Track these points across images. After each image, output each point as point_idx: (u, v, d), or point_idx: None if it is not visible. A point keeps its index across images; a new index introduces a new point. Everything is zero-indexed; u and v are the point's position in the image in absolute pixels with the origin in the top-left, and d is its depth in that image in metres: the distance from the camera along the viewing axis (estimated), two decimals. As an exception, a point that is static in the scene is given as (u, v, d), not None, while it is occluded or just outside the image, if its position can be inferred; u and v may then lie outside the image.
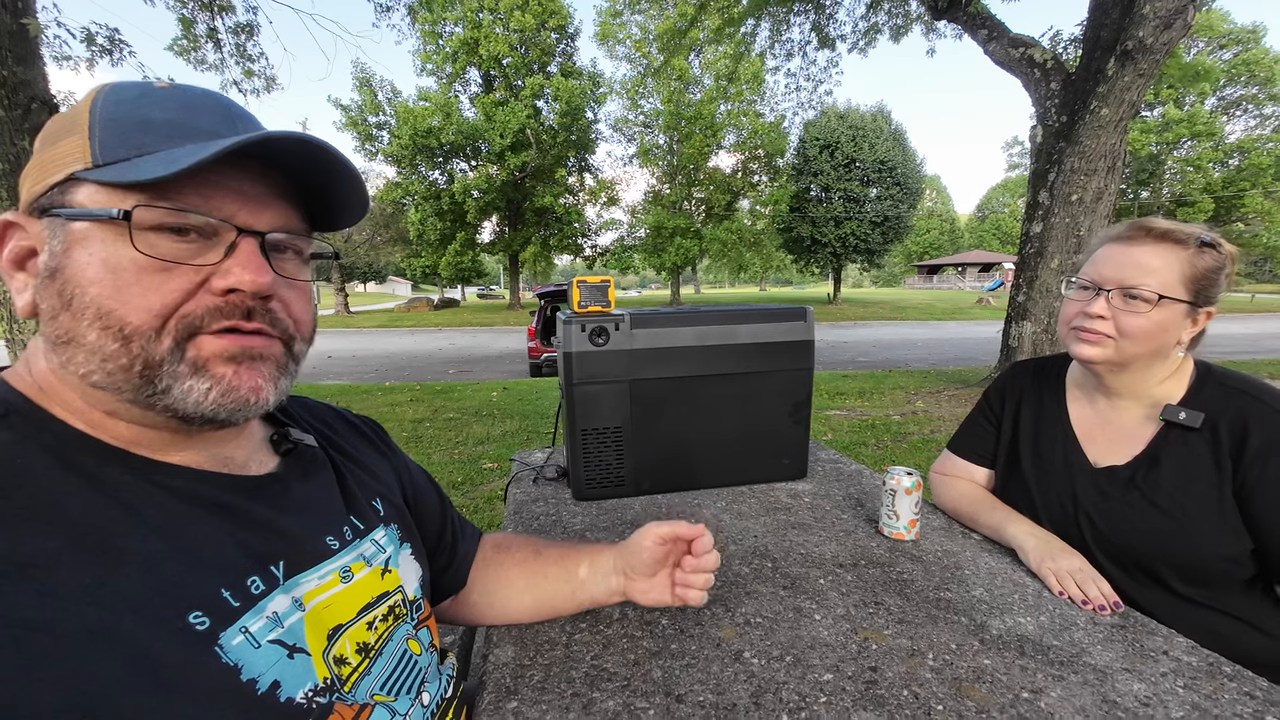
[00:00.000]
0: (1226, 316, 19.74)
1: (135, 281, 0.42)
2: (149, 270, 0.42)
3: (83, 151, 0.43)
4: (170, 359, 0.43)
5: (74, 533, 0.39)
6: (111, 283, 0.41)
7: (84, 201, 0.42)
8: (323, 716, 0.46)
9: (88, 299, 0.42)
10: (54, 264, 0.42)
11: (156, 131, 0.44)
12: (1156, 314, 0.86)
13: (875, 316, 21.90)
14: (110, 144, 0.43)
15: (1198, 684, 0.65)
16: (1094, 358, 0.91)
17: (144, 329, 0.42)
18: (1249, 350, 10.41)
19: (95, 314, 0.41)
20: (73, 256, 0.42)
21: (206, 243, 0.45)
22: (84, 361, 0.43)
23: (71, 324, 0.42)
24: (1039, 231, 5.27)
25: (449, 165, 22.77)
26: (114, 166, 0.42)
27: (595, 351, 1.15)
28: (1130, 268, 0.88)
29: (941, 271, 56.29)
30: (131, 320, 0.42)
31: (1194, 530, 0.86)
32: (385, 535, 0.62)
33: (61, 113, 0.46)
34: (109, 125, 0.43)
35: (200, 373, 0.44)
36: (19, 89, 3.20)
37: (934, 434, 4.46)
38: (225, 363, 0.45)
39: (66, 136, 0.44)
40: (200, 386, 0.44)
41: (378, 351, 12.78)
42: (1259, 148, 24.79)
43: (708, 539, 0.71)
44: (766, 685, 0.65)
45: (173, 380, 0.44)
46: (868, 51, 8.72)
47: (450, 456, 4.07)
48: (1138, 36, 4.32)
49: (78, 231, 0.42)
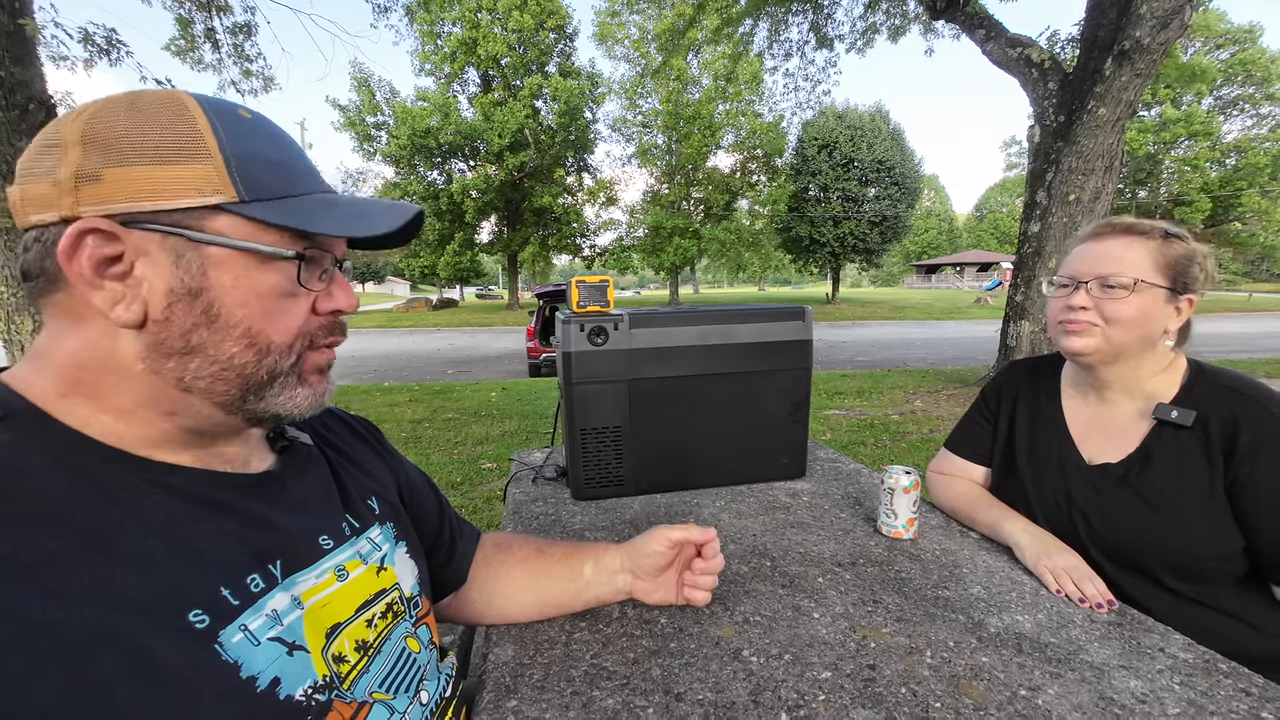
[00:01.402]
0: (1224, 316, 19.79)
1: (276, 306, 0.49)
2: (286, 295, 0.49)
3: (223, 184, 0.45)
4: (290, 371, 0.51)
5: (74, 533, 0.40)
6: (259, 306, 0.48)
7: (228, 231, 0.46)
8: (322, 714, 0.47)
9: (237, 318, 0.47)
10: (194, 284, 0.45)
11: (276, 172, 0.49)
12: (1136, 299, 0.89)
13: (874, 316, 21.92)
14: (250, 182, 0.46)
15: (1194, 681, 0.66)
16: (1084, 348, 0.93)
17: (282, 346, 0.49)
18: (1246, 349, 10.44)
19: (244, 332, 0.47)
20: (212, 278, 0.46)
21: (313, 270, 0.51)
22: (198, 368, 0.46)
23: (209, 337, 0.46)
24: (1037, 231, 5.28)
25: (447, 165, 22.76)
26: (263, 205, 0.47)
27: (594, 351, 1.15)
28: (1103, 260, 0.92)
29: (940, 271, 56.38)
30: (276, 339, 0.49)
31: (1186, 527, 0.86)
32: (380, 533, 0.62)
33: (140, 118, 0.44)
34: (244, 162, 0.46)
35: (303, 383, 0.52)
36: (16, 89, 3.20)
37: (932, 433, 4.46)
38: (317, 373, 0.54)
39: (190, 160, 0.44)
40: (302, 393, 0.52)
41: (376, 352, 12.76)
42: (1256, 147, 24.85)
43: (717, 543, 0.77)
44: (765, 683, 0.65)
45: (283, 389, 0.51)
46: (866, 51, 8.74)
47: (449, 457, 4.07)
48: (1135, 36, 4.33)
49: (215, 256, 0.45)
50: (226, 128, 0.46)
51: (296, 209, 0.48)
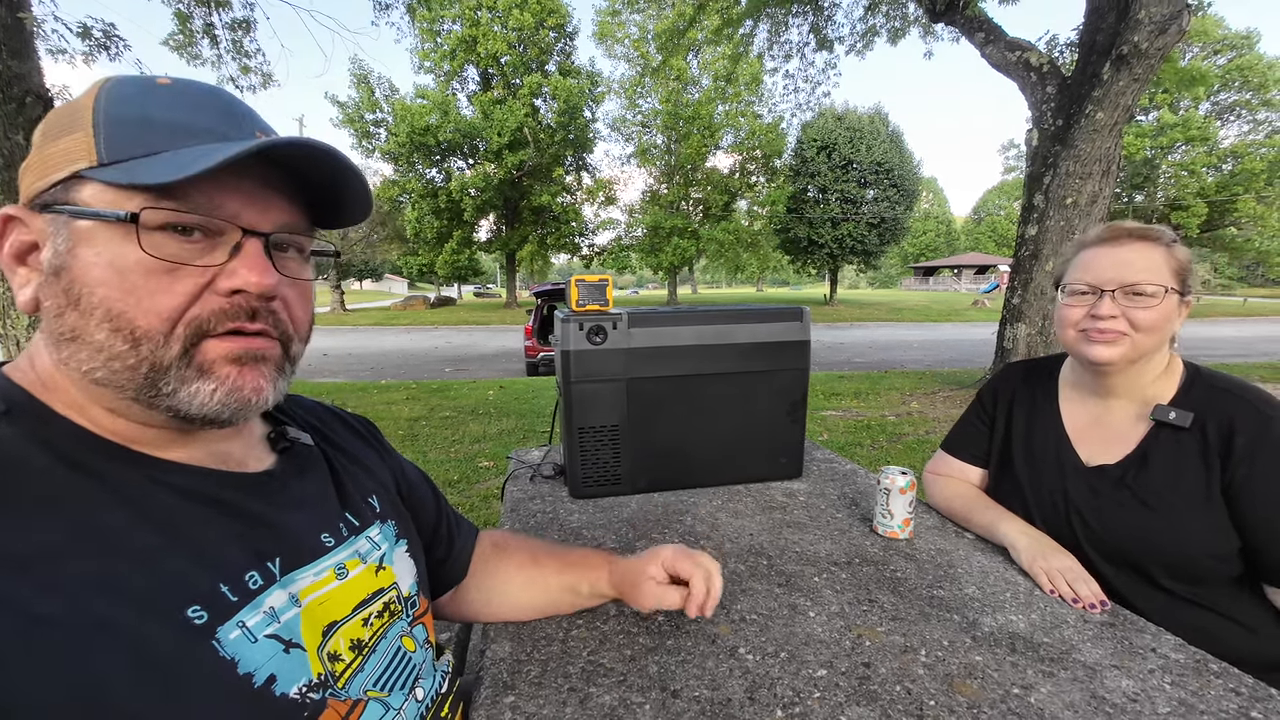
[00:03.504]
0: (1219, 320, 19.88)
1: (143, 283, 0.42)
2: (156, 271, 0.42)
3: (87, 149, 0.42)
4: (178, 364, 0.44)
5: (76, 527, 0.40)
6: (119, 284, 0.42)
7: (88, 200, 0.42)
8: (316, 712, 0.47)
9: (96, 299, 0.42)
10: (58, 262, 0.42)
11: (160, 130, 0.44)
12: (1161, 306, 0.89)
13: (871, 318, 21.97)
14: (115, 143, 0.42)
15: (1185, 681, 0.66)
16: (1113, 358, 0.92)
17: (153, 332, 0.43)
18: (1241, 354, 10.49)
19: (104, 314, 0.42)
20: (78, 255, 0.42)
21: (211, 242, 0.45)
22: (87, 359, 0.43)
23: (78, 322, 0.42)
24: (1034, 234, 5.30)
25: (446, 163, 22.71)
26: (119, 166, 0.42)
27: (593, 350, 1.15)
28: (1125, 267, 0.91)
29: (938, 273, 56.50)
30: (141, 323, 0.42)
31: (1183, 528, 0.87)
32: (380, 532, 0.62)
33: (62, 106, 0.46)
34: (113, 123, 0.43)
35: (206, 375, 0.45)
36: (14, 83, 3.19)
37: (929, 434, 4.48)
38: (229, 364, 0.46)
39: (70, 133, 0.43)
40: (206, 388, 0.45)
41: (373, 350, 12.74)
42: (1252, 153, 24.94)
43: (705, 594, 0.71)
44: (761, 681, 0.66)
45: (179, 384, 0.44)
46: (865, 54, 8.75)
47: (447, 455, 4.06)
48: (1133, 41, 4.35)
49: (82, 230, 0.42)
50: (117, 94, 0.44)
51: (144, 165, 0.42)
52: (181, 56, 5.90)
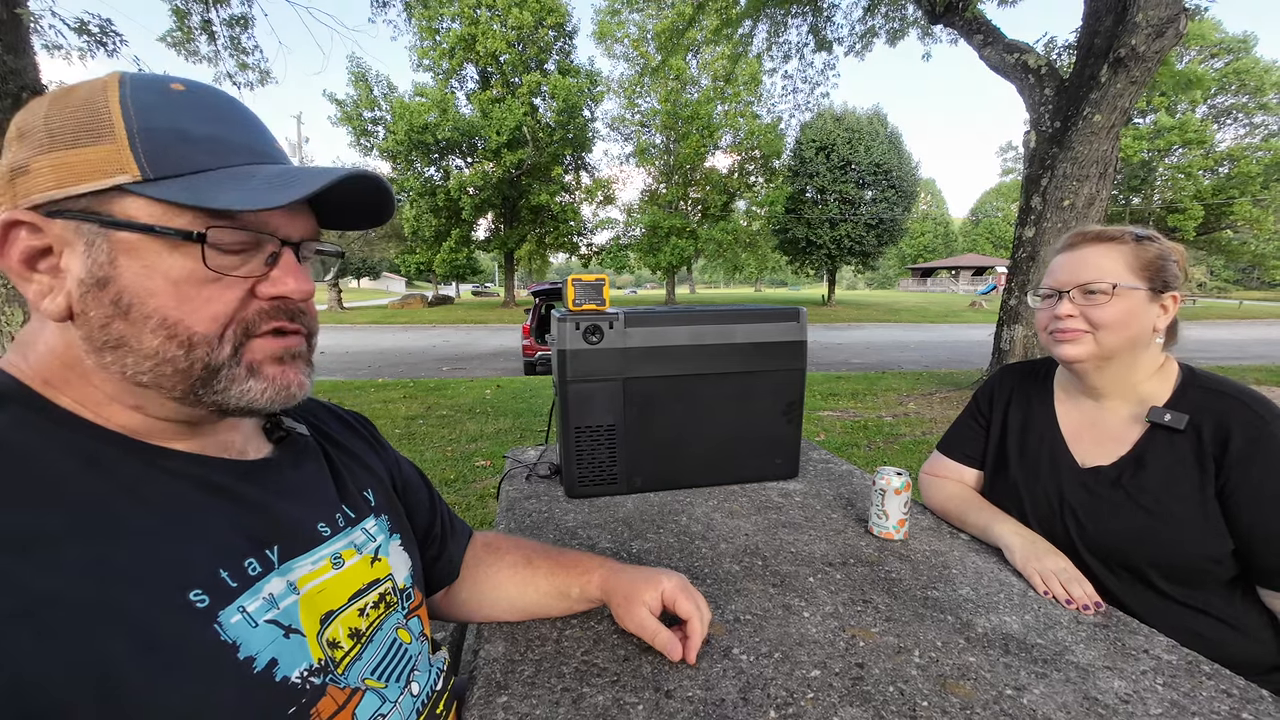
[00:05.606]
0: (1215, 323, 19.96)
1: (197, 293, 0.45)
2: (207, 282, 0.45)
3: (125, 163, 0.42)
4: (230, 363, 0.47)
5: (75, 511, 0.40)
6: (174, 294, 0.44)
7: (134, 214, 0.43)
8: (316, 697, 0.47)
9: (149, 309, 0.43)
10: (101, 273, 0.43)
11: (200, 146, 0.45)
12: (1118, 302, 0.91)
13: (869, 318, 22.01)
14: (157, 159, 0.43)
15: (1177, 682, 0.66)
16: (1078, 355, 0.94)
17: (209, 336, 0.46)
18: (1235, 356, 10.53)
19: (159, 323, 0.44)
20: (122, 266, 0.43)
21: (251, 254, 0.47)
22: (134, 364, 0.44)
23: (127, 330, 0.44)
24: (1031, 236, 5.30)
25: (445, 162, 22.68)
26: (169, 183, 0.43)
27: (589, 349, 1.15)
28: (1080, 268, 0.94)
29: (935, 274, 56.60)
30: (197, 329, 0.45)
31: (1177, 530, 0.87)
32: (376, 525, 0.63)
33: (61, 103, 0.43)
34: (149, 137, 0.43)
35: (255, 375, 0.48)
36: (9, 78, 3.17)
37: (925, 435, 4.49)
38: (274, 363, 0.50)
39: (96, 140, 0.42)
40: (257, 387, 0.48)
41: (371, 348, 12.71)
42: (1248, 156, 25.06)
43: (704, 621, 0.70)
44: (754, 681, 0.66)
45: (230, 382, 0.47)
46: (864, 55, 8.76)
47: (443, 454, 4.06)
48: (1130, 44, 4.36)
49: (125, 241, 0.43)
50: (141, 102, 0.43)
51: (201, 185, 0.43)
52: (179, 53, 5.88)
